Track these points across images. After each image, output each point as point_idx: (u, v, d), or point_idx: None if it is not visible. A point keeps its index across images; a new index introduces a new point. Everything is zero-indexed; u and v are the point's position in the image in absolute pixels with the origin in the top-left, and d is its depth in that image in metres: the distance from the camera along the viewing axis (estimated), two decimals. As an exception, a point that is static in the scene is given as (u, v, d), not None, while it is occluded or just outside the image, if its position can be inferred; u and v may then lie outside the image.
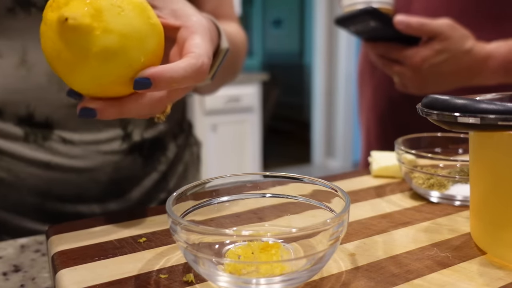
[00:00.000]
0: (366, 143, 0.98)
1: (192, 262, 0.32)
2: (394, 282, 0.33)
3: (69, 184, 0.57)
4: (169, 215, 0.32)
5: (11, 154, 0.55)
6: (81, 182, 0.58)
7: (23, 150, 0.55)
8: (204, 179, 0.39)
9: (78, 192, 0.58)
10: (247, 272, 0.32)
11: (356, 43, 3.53)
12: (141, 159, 0.62)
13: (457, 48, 0.68)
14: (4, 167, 0.55)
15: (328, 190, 0.37)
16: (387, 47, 0.73)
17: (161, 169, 0.65)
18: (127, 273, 0.35)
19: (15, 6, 0.50)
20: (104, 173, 0.59)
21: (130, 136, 0.60)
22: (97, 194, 0.59)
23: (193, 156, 0.74)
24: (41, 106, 0.54)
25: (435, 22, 0.67)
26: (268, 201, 0.41)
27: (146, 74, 0.36)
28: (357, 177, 0.58)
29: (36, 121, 0.54)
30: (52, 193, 0.57)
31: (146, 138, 0.62)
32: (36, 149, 0.55)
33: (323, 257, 0.32)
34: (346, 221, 0.32)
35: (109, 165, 0.59)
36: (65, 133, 0.56)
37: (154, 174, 0.64)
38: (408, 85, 0.74)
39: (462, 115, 0.32)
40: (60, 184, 0.57)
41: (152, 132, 0.63)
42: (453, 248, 0.39)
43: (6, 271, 0.42)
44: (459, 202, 0.48)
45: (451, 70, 0.70)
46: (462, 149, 0.56)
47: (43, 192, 0.57)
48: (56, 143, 0.55)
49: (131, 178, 0.62)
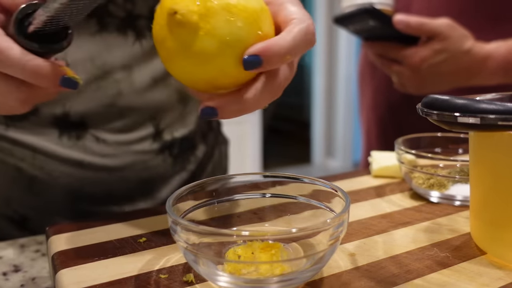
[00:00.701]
0: (366, 142, 0.98)
1: (192, 262, 0.32)
2: (394, 282, 0.33)
3: (99, 183, 0.58)
4: (169, 215, 0.32)
5: (45, 153, 0.55)
6: (111, 181, 0.58)
7: (57, 148, 0.55)
8: (204, 179, 0.39)
9: (108, 191, 0.58)
10: (247, 272, 0.32)
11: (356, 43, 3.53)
12: (171, 158, 0.62)
13: (456, 48, 0.68)
14: (37, 166, 0.55)
15: (328, 190, 0.37)
16: (386, 46, 0.73)
17: (190, 169, 0.65)
18: (127, 273, 0.35)
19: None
20: (134, 172, 0.59)
21: (161, 135, 0.60)
22: (126, 193, 0.59)
23: (222, 155, 0.74)
24: (77, 106, 0.54)
25: (434, 21, 0.67)
26: (268, 201, 0.41)
27: (254, 50, 0.33)
28: (357, 177, 0.58)
29: (71, 120, 0.54)
30: (83, 192, 0.57)
31: (177, 137, 0.62)
32: (69, 147, 0.55)
33: (323, 257, 0.32)
34: (346, 221, 0.32)
35: (139, 164, 0.59)
36: (98, 133, 0.56)
37: (183, 174, 0.64)
38: (406, 85, 0.74)
39: (462, 115, 0.32)
40: (91, 183, 0.57)
41: (183, 131, 0.63)
42: (453, 248, 0.39)
43: (6, 271, 0.42)
44: (459, 202, 0.48)
45: (450, 70, 0.70)
46: (462, 149, 0.56)
47: (75, 191, 0.57)
48: (89, 142, 0.56)
49: (161, 177, 0.62)
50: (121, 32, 0.53)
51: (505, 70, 0.70)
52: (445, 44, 0.68)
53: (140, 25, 0.54)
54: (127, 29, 0.53)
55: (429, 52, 0.68)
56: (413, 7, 0.79)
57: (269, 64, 0.33)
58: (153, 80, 0.57)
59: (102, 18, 0.51)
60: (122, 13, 0.52)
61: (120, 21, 0.53)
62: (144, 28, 0.54)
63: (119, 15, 0.53)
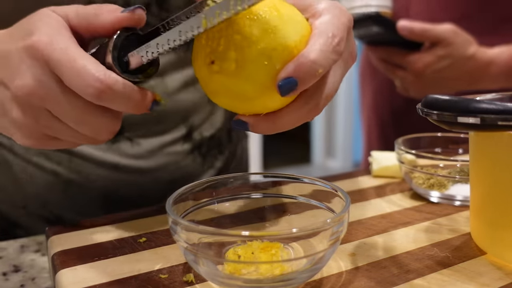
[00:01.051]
0: (367, 142, 0.98)
1: (192, 262, 0.32)
2: (394, 282, 0.33)
3: (133, 185, 0.58)
4: (169, 215, 0.32)
5: (82, 156, 0.55)
6: (144, 182, 0.59)
7: (93, 152, 0.55)
8: (204, 179, 0.39)
9: (141, 192, 0.59)
10: (247, 272, 0.32)
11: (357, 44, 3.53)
12: (200, 157, 0.63)
13: (460, 54, 0.68)
14: (74, 169, 0.55)
15: (328, 190, 0.37)
16: (389, 51, 0.73)
17: (218, 166, 0.66)
18: (127, 273, 0.35)
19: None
20: (166, 173, 0.59)
21: (191, 135, 0.61)
22: (159, 194, 0.60)
23: (243, 150, 0.75)
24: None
25: (438, 27, 0.67)
26: (268, 201, 0.41)
27: (286, 73, 0.31)
28: (357, 177, 0.58)
29: None
30: (118, 194, 0.58)
31: (205, 136, 0.63)
32: (105, 151, 0.56)
33: (323, 257, 0.32)
34: (346, 221, 0.32)
35: (171, 165, 0.60)
36: (133, 136, 0.56)
37: (211, 171, 0.65)
38: (409, 89, 0.75)
39: (462, 115, 0.32)
40: (125, 185, 0.57)
41: (211, 130, 0.64)
42: (453, 248, 0.39)
43: (6, 271, 0.42)
44: (459, 202, 0.48)
45: (453, 75, 0.71)
46: (462, 149, 0.56)
47: (110, 193, 0.57)
48: (124, 145, 0.56)
49: (191, 176, 0.63)
50: None
51: (508, 75, 0.70)
52: (449, 50, 0.68)
53: None
54: None
55: (433, 58, 0.68)
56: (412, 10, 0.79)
57: (305, 82, 0.32)
58: (184, 83, 0.58)
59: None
60: (158, 22, 0.53)
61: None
62: None
63: (155, 24, 0.52)
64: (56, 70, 0.33)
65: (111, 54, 0.34)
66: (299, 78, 0.31)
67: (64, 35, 0.34)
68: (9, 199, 0.57)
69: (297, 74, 0.31)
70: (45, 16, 0.35)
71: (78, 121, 0.34)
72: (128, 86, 0.33)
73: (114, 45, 0.34)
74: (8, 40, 0.35)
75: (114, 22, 0.35)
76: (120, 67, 0.34)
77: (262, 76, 0.32)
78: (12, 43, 0.35)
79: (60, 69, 0.32)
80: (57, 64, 0.32)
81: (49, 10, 0.36)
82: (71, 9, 0.36)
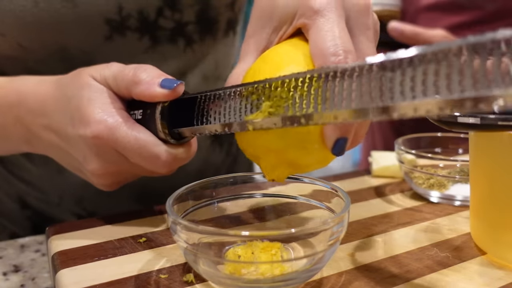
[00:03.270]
0: (366, 142, 0.98)
1: (192, 262, 0.32)
2: (394, 282, 0.33)
3: (163, 180, 0.58)
4: (169, 215, 0.32)
5: None
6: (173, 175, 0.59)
7: None
8: (203, 179, 0.39)
9: (170, 185, 0.59)
10: (247, 272, 0.32)
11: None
12: (219, 146, 0.64)
13: None
14: None
15: (328, 190, 0.37)
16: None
17: (233, 152, 0.67)
18: (127, 273, 0.35)
19: (112, 33, 0.50)
20: (193, 165, 0.60)
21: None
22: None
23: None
24: None
25: (429, 32, 0.67)
26: (268, 201, 0.41)
27: (332, 137, 0.31)
28: (357, 177, 0.58)
29: None
30: (152, 189, 0.58)
31: None
32: None
33: (323, 257, 0.32)
34: (346, 221, 0.32)
35: (197, 156, 0.60)
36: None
37: (229, 158, 0.66)
38: None
39: (462, 115, 0.32)
40: (155, 180, 0.58)
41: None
42: (453, 248, 0.39)
43: (6, 271, 0.42)
44: (459, 202, 0.48)
45: None
46: (462, 149, 0.56)
47: (142, 188, 0.57)
48: None
49: (213, 166, 0.64)
50: (172, 42, 0.53)
51: None
52: None
53: (189, 31, 0.54)
54: (177, 38, 0.54)
55: None
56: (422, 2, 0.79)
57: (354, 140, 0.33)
58: (204, 78, 0.58)
59: (154, 34, 0.52)
60: (172, 24, 0.52)
61: (170, 32, 0.53)
62: (193, 33, 0.55)
63: (169, 27, 0.52)
64: (125, 154, 0.37)
65: (160, 126, 0.37)
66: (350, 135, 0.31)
67: (116, 114, 0.37)
68: (45, 197, 0.57)
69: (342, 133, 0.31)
70: (87, 89, 0.38)
71: (151, 173, 0.41)
72: (190, 153, 0.39)
73: (161, 116, 0.37)
74: (56, 109, 0.40)
75: (154, 97, 0.37)
76: (171, 136, 0.37)
77: (310, 165, 0.34)
78: (63, 121, 0.39)
79: (128, 155, 0.37)
80: (124, 151, 0.37)
81: (89, 77, 0.39)
82: (108, 73, 0.38)
